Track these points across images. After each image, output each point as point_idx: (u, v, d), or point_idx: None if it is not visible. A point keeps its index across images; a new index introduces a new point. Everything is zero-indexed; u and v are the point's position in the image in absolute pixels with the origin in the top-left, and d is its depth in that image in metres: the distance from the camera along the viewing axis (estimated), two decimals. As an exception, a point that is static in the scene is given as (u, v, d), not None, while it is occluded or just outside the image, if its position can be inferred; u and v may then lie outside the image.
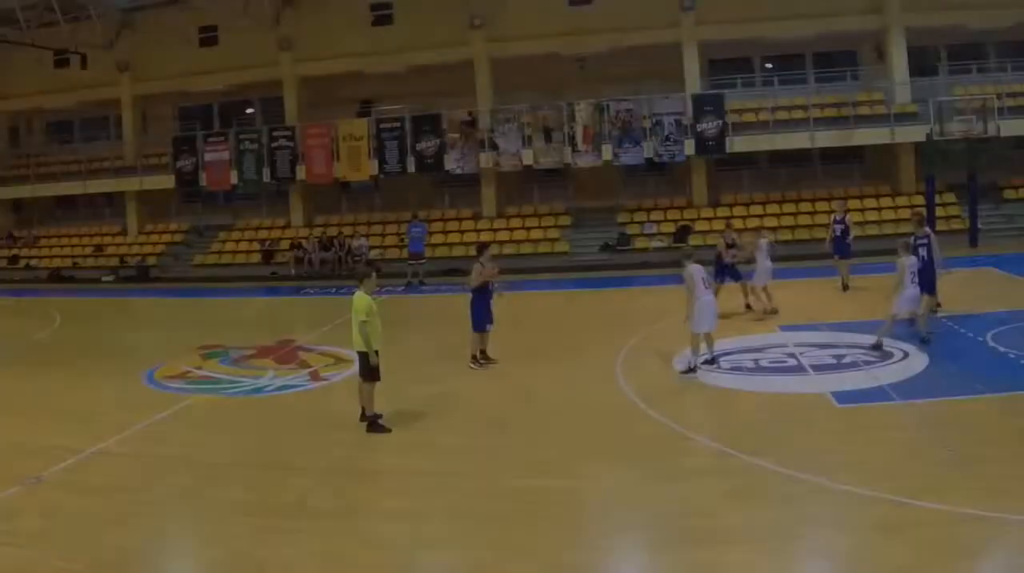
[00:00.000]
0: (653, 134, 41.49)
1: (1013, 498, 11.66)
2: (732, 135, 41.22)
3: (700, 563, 10.72)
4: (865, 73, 44.94)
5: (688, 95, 42.20)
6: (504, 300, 23.38)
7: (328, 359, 23.35)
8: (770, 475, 13.24)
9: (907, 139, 41.08)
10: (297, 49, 46.69)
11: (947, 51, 45.15)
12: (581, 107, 41.99)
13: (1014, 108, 40.29)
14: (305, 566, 11.19)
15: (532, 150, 42.51)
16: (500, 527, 12.05)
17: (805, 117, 41.66)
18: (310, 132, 44.84)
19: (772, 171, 45.75)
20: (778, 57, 46.04)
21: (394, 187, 47.42)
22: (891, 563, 10.37)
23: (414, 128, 43.54)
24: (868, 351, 20.23)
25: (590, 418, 16.96)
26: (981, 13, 41.22)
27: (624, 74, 44.70)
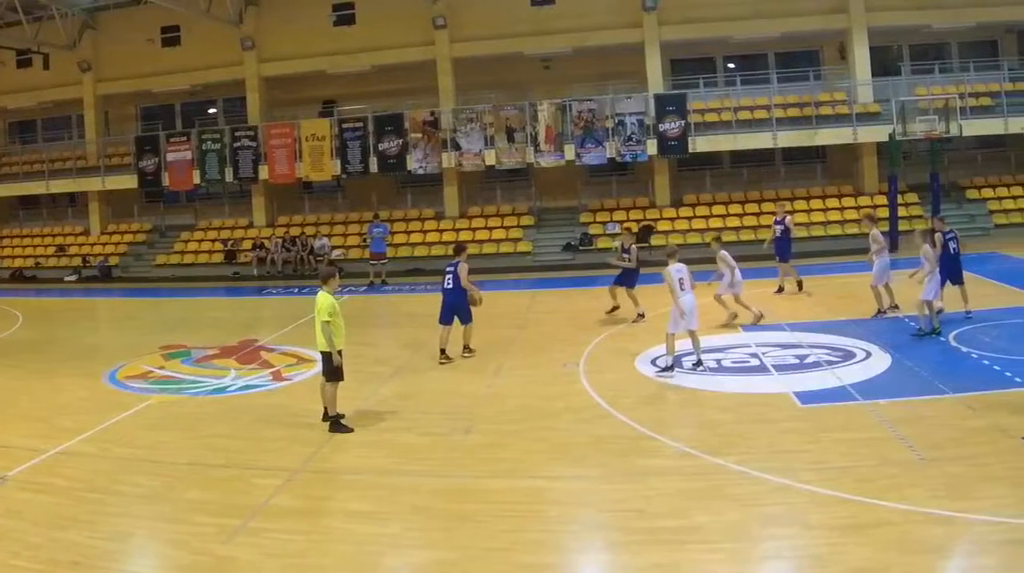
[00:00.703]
0: (616, 134, 41.49)
1: (976, 498, 11.74)
2: (694, 135, 41.24)
3: (663, 564, 10.73)
4: (828, 73, 45.18)
5: (651, 95, 42.19)
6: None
7: (290, 359, 23.37)
8: (733, 475, 13.27)
9: (869, 139, 41.38)
10: (260, 49, 46.58)
11: (910, 51, 45.67)
12: (544, 107, 41.96)
13: (976, 108, 40.60)
14: (269, 566, 11.17)
15: (495, 150, 42.46)
16: (464, 527, 12.05)
17: (767, 117, 41.71)
18: (273, 132, 44.66)
19: (734, 171, 45.92)
20: (740, 57, 46.29)
21: (356, 187, 47.51)
22: (854, 563, 10.41)
23: (376, 128, 43.44)
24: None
25: (554, 418, 16.93)
26: (944, 13, 41.71)
27: (587, 74, 44.81)
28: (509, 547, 11.40)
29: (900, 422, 15.15)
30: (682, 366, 19.97)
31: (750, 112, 42.64)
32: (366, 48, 44.73)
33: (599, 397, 18.07)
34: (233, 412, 18.74)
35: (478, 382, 20.03)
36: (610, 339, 23.77)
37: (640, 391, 18.61)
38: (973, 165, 44.61)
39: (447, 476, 14.09)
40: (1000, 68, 43.22)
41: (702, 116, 42.57)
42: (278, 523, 12.47)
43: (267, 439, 16.44)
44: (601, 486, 13.47)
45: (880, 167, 42.32)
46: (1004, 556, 10.34)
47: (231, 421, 17.95)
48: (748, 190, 44.37)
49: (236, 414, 18.52)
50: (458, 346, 22.66)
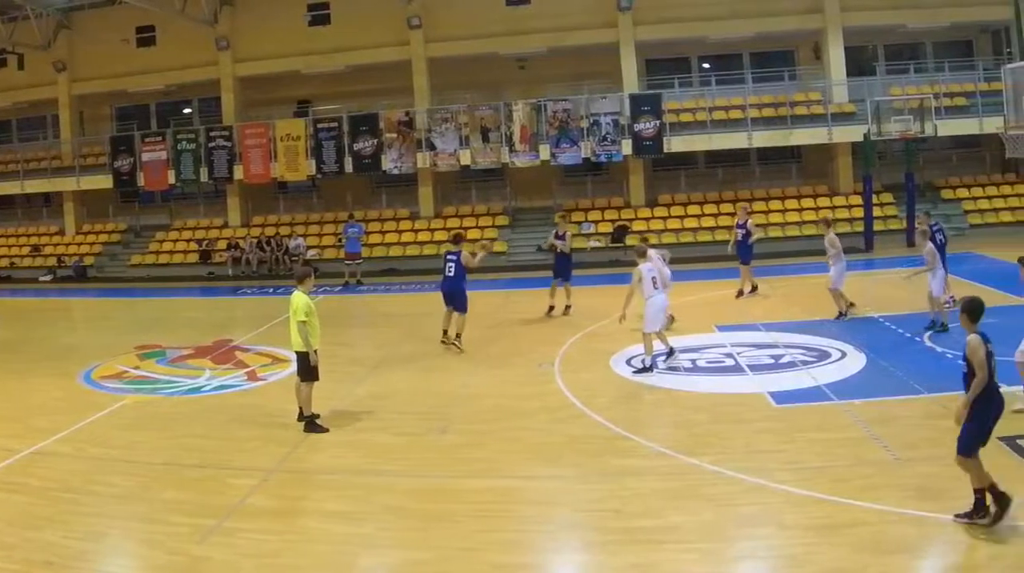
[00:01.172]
0: (591, 134, 41.42)
1: (950, 498, 11.73)
2: (669, 135, 41.19)
3: (639, 564, 10.77)
4: (803, 73, 45.32)
5: (626, 95, 42.14)
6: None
7: (265, 359, 23.35)
8: (708, 475, 13.32)
9: (844, 139, 41.45)
10: (235, 49, 46.35)
11: (884, 51, 45.84)
12: (518, 107, 41.87)
13: (951, 108, 40.72)
14: (243, 566, 11.19)
15: (469, 150, 42.33)
16: (439, 527, 12.09)
17: (742, 117, 41.76)
18: (247, 132, 44.47)
19: (709, 171, 45.98)
20: (715, 57, 46.33)
21: (331, 187, 47.36)
22: (829, 563, 10.48)
23: (351, 128, 43.27)
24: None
25: (529, 418, 16.97)
26: (918, 13, 41.81)
27: (562, 74, 44.88)
28: (484, 547, 11.44)
29: (875, 422, 15.21)
30: (657, 366, 20.03)
31: (725, 112, 42.63)
32: (341, 48, 44.60)
33: (574, 397, 18.11)
34: (208, 412, 18.73)
35: (453, 382, 20.08)
36: (585, 339, 23.81)
37: (615, 391, 18.69)
38: (948, 165, 44.79)
39: (422, 476, 14.13)
40: (975, 68, 43.29)
41: (677, 116, 42.53)
42: (253, 523, 12.49)
43: (242, 439, 16.45)
44: (576, 486, 13.51)
45: (855, 167, 42.37)
46: (978, 556, 10.44)
47: (206, 421, 17.94)
48: (723, 190, 44.40)
49: (211, 414, 18.51)
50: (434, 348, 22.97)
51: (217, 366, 22.93)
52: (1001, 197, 42.16)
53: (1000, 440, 13.51)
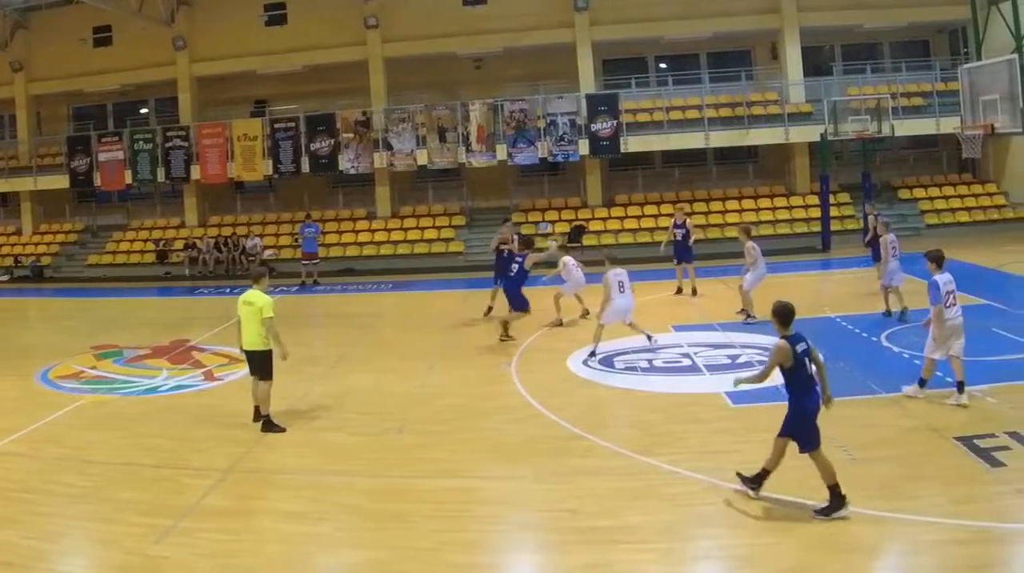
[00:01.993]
0: (547, 134, 41.55)
1: (907, 498, 11.90)
2: (626, 135, 41.34)
3: (596, 564, 10.81)
4: (759, 73, 45.53)
5: (582, 95, 42.33)
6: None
7: (222, 359, 23.25)
8: (665, 475, 13.38)
9: (801, 139, 41.71)
10: (191, 49, 46.23)
11: (841, 51, 46.09)
12: (475, 107, 41.88)
13: (908, 108, 41.05)
14: (200, 566, 11.18)
15: (426, 150, 42.34)
16: (396, 527, 12.12)
17: (699, 117, 41.95)
18: (204, 132, 44.31)
19: (666, 171, 46.18)
20: (672, 57, 46.49)
21: (288, 187, 47.25)
22: (786, 562, 10.57)
23: (308, 128, 43.24)
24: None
25: (486, 418, 17.00)
26: (876, 13, 42.18)
27: (519, 74, 44.99)
28: (440, 547, 11.47)
29: (831, 422, 15.04)
30: (614, 366, 20.14)
31: (682, 112, 42.77)
32: (298, 48, 44.58)
33: (531, 397, 18.13)
34: (165, 412, 18.65)
35: (410, 382, 20.02)
36: (543, 339, 23.87)
37: (573, 391, 18.69)
38: (905, 165, 45.14)
39: (379, 476, 14.14)
40: (932, 68, 43.74)
41: (634, 116, 42.67)
42: (210, 523, 12.46)
43: (199, 439, 16.38)
44: (533, 486, 13.54)
45: (812, 167, 42.70)
46: (936, 556, 10.50)
47: (163, 421, 17.86)
48: (680, 190, 44.63)
49: (168, 414, 18.44)
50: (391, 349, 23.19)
51: (174, 366, 22.85)
52: (958, 197, 42.50)
53: (957, 440, 13.78)
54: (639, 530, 11.66)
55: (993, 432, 14.06)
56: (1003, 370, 17.83)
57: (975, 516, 11.22)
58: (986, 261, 31.42)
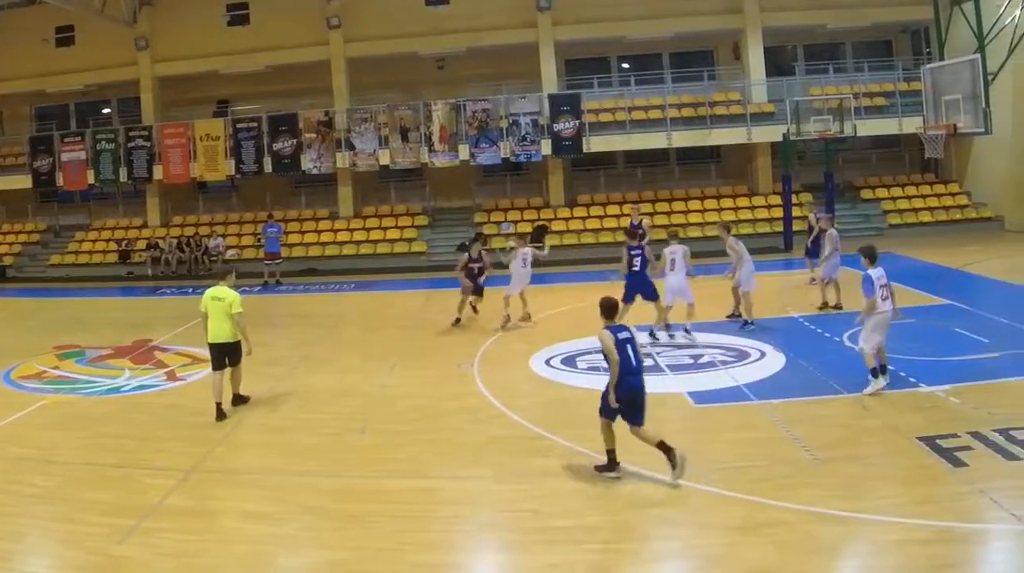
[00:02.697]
0: (510, 134, 41.58)
1: (869, 498, 11.97)
2: (589, 135, 41.44)
3: (558, 563, 10.84)
4: (722, 73, 45.69)
5: (545, 95, 42.39)
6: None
7: (185, 359, 23.23)
8: (627, 475, 13.39)
9: (764, 139, 41.91)
10: (154, 49, 46.03)
11: (804, 51, 46.34)
12: (438, 107, 41.93)
13: (870, 108, 41.28)
14: (163, 566, 11.17)
15: (389, 150, 42.36)
16: (358, 527, 12.14)
17: (662, 117, 42.03)
18: (167, 132, 44.17)
19: (629, 171, 46.31)
20: (635, 57, 46.62)
21: (251, 187, 47.16)
22: (749, 563, 10.60)
23: (271, 128, 43.17)
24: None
25: (448, 418, 17.02)
26: (838, 13, 42.44)
27: (481, 74, 45.09)
28: (403, 547, 11.50)
29: (794, 422, 15.34)
30: (576, 366, 20.25)
31: (644, 112, 42.93)
32: (260, 48, 44.45)
33: (493, 397, 18.18)
34: (127, 412, 18.61)
35: (372, 382, 20.05)
36: (505, 339, 23.90)
37: (535, 391, 18.76)
38: (867, 165, 45.36)
39: (341, 476, 14.16)
40: (894, 68, 44.04)
41: (596, 116, 42.79)
42: (172, 523, 12.46)
43: (161, 439, 16.36)
44: (495, 486, 13.58)
45: (774, 167, 42.89)
46: (899, 556, 10.55)
47: (125, 421, 17.83)
48: (642, 190, 44.75)
49: (130, 414, 18.40)
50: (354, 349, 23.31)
51: (136, 366, 22.80)
52: (920, 197, 42.71)
53: (919, 440, 13.83)
54: (601, 530, 11.72)
55: (955, 432, 14.13)
56: (966, 370, 17.98)
57: (938, 516, 11.30)
58: (949, 261, 31.61)
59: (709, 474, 13.13)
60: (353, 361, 22.39)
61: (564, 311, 27.22)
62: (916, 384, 16.91)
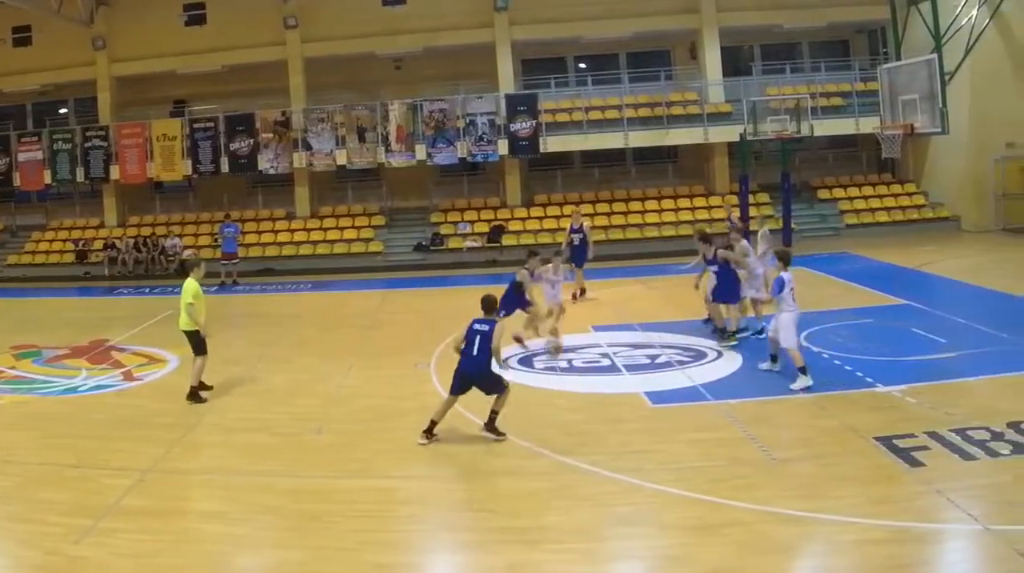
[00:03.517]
0: (467, 134, 41.56)
1: (825, 498, 12.06)
2: (545, 135, 41.47)
3: (515, 563, 10.89)
4: (679, 73, 45.74)
5: (502, 95, 42.42)
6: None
7: (142, 359, 23.18)
8: (584, 475, 13.45)
9: (721, 139, 42.03)
10: (111, 49, 45.73)
11: (761, 51, 46.42)
12: (395, 107, 41.87)
13: (827, 108, 41.49)
14: (120, 566, 11.17)
15: (346, 150, 42.23)
16: (315, 527, 12.14)
17: (619, 117, 42.18)
18: (124, 132, 43.92)
19: (586, 171, 46.30)
20: (592, 57, 46.63)
21: (208, 187, 46.89)
22: (706, 563, 10.66)
23: (228, 128, 43.00)
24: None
25: (405, 418, 16.93)
26: (795, 13, 42.61)
27: (438, 74, 44.98)
28: (360, 547, 11.51)
29: (751, 422, 15.43)
30: (533, 366, 20.36)
31: (601, 112, 42.94)
32: (217, 48, 44.21)
33: (450, 397, 18.20)
34: (84, 412, 18.54)
35: (329, 382, 20.05)
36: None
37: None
38: (824, 165, 45.60)
39: (298, 476, 14.17)
40: (851, 68, 44.22)
41: (553, 116, 42.72)
42: (129, 523, 12.44)
43: (118, 439, 16.33)
44: (452, 486, 13.71)
45: (731, 167, 43.00)
46: (855, 556, 10.63)
47: (82, 421, 17.79)
48: (599, 190, 44.81)
49: (87, 414, 18.35)
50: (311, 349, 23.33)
51: (93, 366, 22.67)
52: (877, 197, 42.92)
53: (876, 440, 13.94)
54: (559, 530, 11.76)
55: (912, 432, 14.27)
56: (923, 370, 18.16)
57: (895, 516, 11.41)
58: (905, 261, 31.81)
59: (666, 474, 13.17)
60: (310, 361, 22.35)
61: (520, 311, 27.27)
62: (873, 384, 17.02)
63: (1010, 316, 22.30)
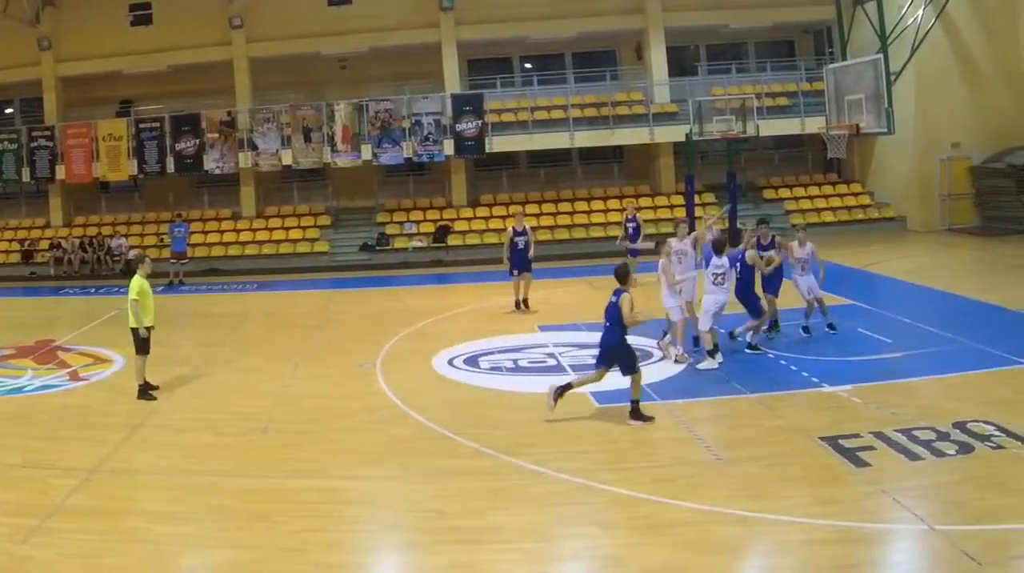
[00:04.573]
0: (413, 134, 41.50)
1: (771, 498, 12.13)
2: (491, 135, 41.47)
3: (461, 563, 10.90)
4: (624, 73, 45.79)
5: (447, 95, 42.34)
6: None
7: (87, 359, 23.02)
8: (530, 475, 13.50)
9: (666, 139, 42.09)
10: (57, 49, 45.23)
11: (707, 51, 46.64)
12: (340, 107, 41.80)
13: (773, 108, 41.72)
14: (66, 566, 11.11)
15: (291, 150, 42.13)
16: (261, 527, 12.14)
17: (564, 117, 42.23)
18: (70, 132, 43.56)
19: (531, 171, 46.29)
20: (537, 57, 46.72)
21: (154, 187, 46.52)
22: (652, 563, 10.69)
23: (173, 128, 42.71)
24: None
25: (351, 418, 17.05)
26: (740, 13, 42.82)
27: (384, 74, 44.90)
28: (306, 547, 11.51)
29: (697, 422, 15.58)
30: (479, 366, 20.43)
31: (547, 112, 43.00)
32: (163, 48, 43.83)
33: (396, 397, 18.22)
34: (30, 412, 18.40)
35: (275, 382, 20.01)
36: (407, 339, 23.88)
37: (437, 391, 18.82)
38: (770, 165, 45.87)
39: (244, 476, 14.15)
40: (797, 68, 44.35)
41: (499, 116, 42.71)
42: (75, 523, 12.38)
43: (64, 439, 16.26)
44: (399, 486, 13.65)
45: (677, 167, 43.10)
46: (801, 556, 10.71)
47: (28, 421, 17.67)
48: (545, 190, 44.84)
49: (33, 414, 18.21)
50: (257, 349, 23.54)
51: (39, 366, 22.50)
52: (823, 197, 43.23)
53: (822, 440, 14.04)
54: (504, 530, 11.79)
55: (858, 432, 14.37)
56: (868, 370, 18.32)
57: (840, 516, 11.47)
58: (851, 261, 31.99)
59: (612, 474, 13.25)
60: (256, 361, 22.35)
61: (466, 311, 27.28)
62: (819, 384, 17.14)
63: (955, 316, 22.51)
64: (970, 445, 13.65)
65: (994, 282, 27.66)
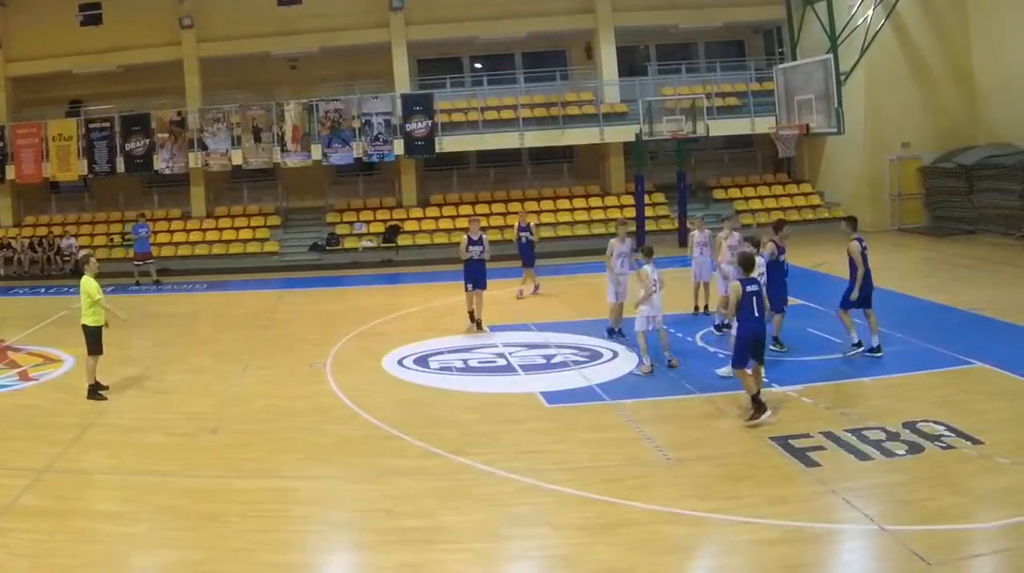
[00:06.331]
0: (362, 134, 41.45)
1: (720, 498, 12.22)
2: (441, 135, 41.40)
3: (411, 563, 10.94)
4: (574, 73, 45.90)
5: (397, 95, 42.28)
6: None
7: (37, 359, 22.91)
8: (479, 475, 13.56)
9: (616, 139, 42.19)
10: (7, 49, 44.87)
11: (656, 51, 46.61)
12: (290, 107, 41.69)
13: (723, 108, 41.90)
14: (16, 567, 11.08)
15: (241, 150, 41.96)
16: (211, 527, 12.13)
17: (514, 117, 42.30)
18: (19, 132, 43.19)
19: (481, 171, 46.31)
20: (487, 57, 46.68)
21: (104, 187, 46.15)
22: (601, 563, 10.76)
23: (123, 128, 42.41)
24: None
25: (300, 418, 17.06)
26: (690, 13, 42.93)
27: (335, 74, 44.75)
28: (256, 547, 11.53)
29: (647, 422, 15.60)
30: (429, 366, 20.43)
31: (497, 112, 43.03)
32: (113, 48, 43.51)
33: (346, 397, 18.24)
34: (-20, 412, 18.30)
35: (225, 382, 20.00)
36: (357, 339, 23.91)
37: (387, 391, 18.84)
38: (720, 165, 45.96)
39: (194, 476, 14.13)
40: (747, 68, 44.60)
41: (449, 116, 42.70)
42: (25, 523, 12.37)
43: (14, 439, 16.17)
44: (348, 486, 13.69)
45: (627, 167, 43.23)
46: (751, 556, 10.78)
47: (-22, 421, 17.55)
48: (495, 190, 44.88)
49: (-17, 414, 18.11)
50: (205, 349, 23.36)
51: (-11, 366, 22.43)
52: (773, 197, 43.44)
53: (772, 440, 14.14)
54: (453, 530, 11.84)
55: (808, 432, 14.49)
56: (818, 370, 18.50)
57: (790, 516, 11.58)
58: (801, 261, 31.70)
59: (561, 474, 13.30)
60: (206, 361, 22.32)
61: (416, 311, 27.28)
62: (769, 384, 17.09)
63: (904, 316, 22.62)
64: (920, 445, 13.80)
65: (944, 282, 27.97)
